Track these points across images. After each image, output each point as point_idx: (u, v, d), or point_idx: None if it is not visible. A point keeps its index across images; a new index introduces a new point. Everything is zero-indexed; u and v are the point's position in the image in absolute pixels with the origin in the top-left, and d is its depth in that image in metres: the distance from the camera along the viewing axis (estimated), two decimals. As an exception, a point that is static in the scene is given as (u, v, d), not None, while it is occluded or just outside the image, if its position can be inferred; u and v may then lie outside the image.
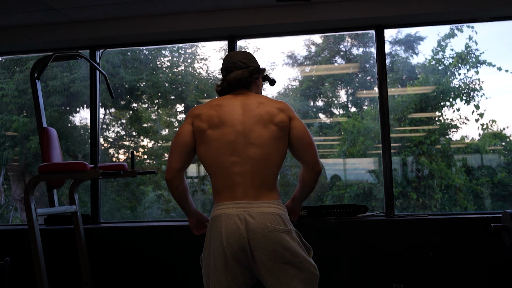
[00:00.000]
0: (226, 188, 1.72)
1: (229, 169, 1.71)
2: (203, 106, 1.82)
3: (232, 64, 1.87)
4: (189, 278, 2.99)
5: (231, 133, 1.72)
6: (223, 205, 1.70)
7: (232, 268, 1.65)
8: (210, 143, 1.74)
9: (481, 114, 4.76)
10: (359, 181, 5.01)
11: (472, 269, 2.83)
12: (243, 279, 1.69)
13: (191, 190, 5.58)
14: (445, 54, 4.87)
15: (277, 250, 1.63)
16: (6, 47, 3.60)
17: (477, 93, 4.75)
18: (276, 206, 1.70)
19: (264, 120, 1.74)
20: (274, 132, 1.73)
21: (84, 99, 5.48)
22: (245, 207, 1.67)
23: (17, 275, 3.05)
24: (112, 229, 3.23)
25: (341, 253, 2.90)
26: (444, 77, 4.88)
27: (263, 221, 1.64)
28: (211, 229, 1.71)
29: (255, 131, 1.72)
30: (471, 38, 4.68)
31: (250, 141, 1.71)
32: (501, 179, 4.74)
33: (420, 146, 4.75)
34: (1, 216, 5.64)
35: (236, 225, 1.64)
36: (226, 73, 1.88)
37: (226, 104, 1.79)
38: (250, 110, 1.76)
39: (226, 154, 1.71)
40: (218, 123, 1.74)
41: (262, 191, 1.70)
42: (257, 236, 1.63)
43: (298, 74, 5.71)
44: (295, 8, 3.17)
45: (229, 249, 1.63)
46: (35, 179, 2.53)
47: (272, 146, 1.73)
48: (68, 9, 3.16)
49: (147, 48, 5.66)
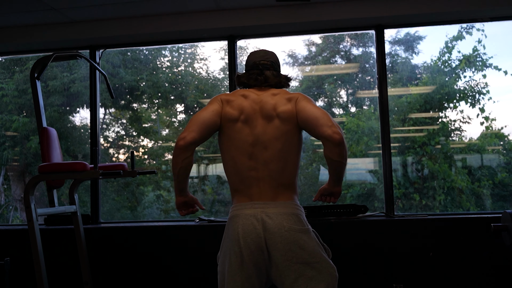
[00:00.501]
0: (243, 189, 1.73)
1: (246, 173, 1.71)
2: (233, 94, 1.81)
3: (267, 62, 1.86)
4: (189, 278, 2.99)
5: (250, 135, 1.72)
6: (240, 206, 1.71)
7: (248, 269, 1.64)
8: (232, 140, 1.73)
9: (486, 117, 4.74)
10: (361, 181, 5.00)
11: (472, 269, 2.83)
12: (258, 281, 1.67)
13: (191, 190, 5.58)
14: (451, 56, 4.86)
15: (294, 250, 1.62)
16: (6, 47, 3.60)
17: (483, 96, 4.74)
18: (293, 206, 1.70)
19: (276, 121, 1.73)
20: (283, 130, 1.72)
21: (84, 99, 5.48)
22: (262, 207, 1.67)
23: (17, 275, 3.05)
24: (112, 229, 3.23)
25: (341, 253, 2.90)
26: (450, 78, 4.87)
27: (280, 221, 1.64)
28: (228, 229, 1.72)
29: (269, 134, 1.71)
30: (480, 41, 4.67)
31: (265, 145, 1.71)
32: (502, 180, 4.74)
33: (424, 148, 4.75)
34: (1, 216, 5.64)
35: (253, 225, 1.64)
36: (257, 69, 1.85)
37: (249, 100, 1.77)
38: (268, 110, 1.74)
39: (244, 157, 1.71)
40: (244, 119, 1.73)
41: (278, 191, 1.70)
42: (274, 236, 1.62)
43: (298, 74, 5.71)
44: (295, 8, 3.17)
45: (246, 249, 1.63)
46: (35, 179, 2.53)
47: (286, 146, 1.71)
48: (68, 9, 3.16)
49: (147, 48, 5.66)
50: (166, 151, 5.90)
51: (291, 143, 1.73)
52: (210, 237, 2.96)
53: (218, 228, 2.98)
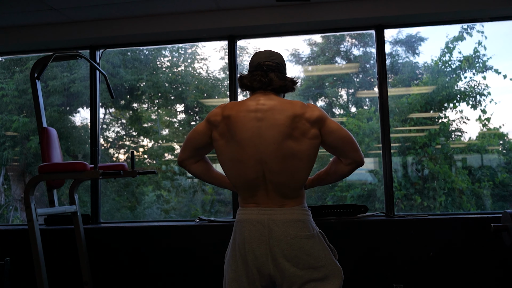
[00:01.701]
0: (249, 195, 1.70)
1: (252, 181, 1.67)
2: (237, 105, 1.73)
3: (272, 63, 1.77)
4: (189, 278, 2.99)
5: (253, 153, 1.66)
6: (247, 210, 1.69)
7: (252, 274, 1.65)
8: (231, 154, 1.69)
9: (487, 118, 4.75)
10: (361, 181, 5.00)
11: (472, 269, 2.83)
12: (261, 286, 1.66)
13: (191, 190, 5.58)
14: (452, 56, 4.86)
15: (300, 257, 1.62)
16: (6, 47, 3.60)
17: (484, 98, 4.74)
18: (300, 212, 1.68)
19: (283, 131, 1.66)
20: (295, 148, 1.67)
21: (84, 99, 5.48)
22: (269, 214, 1.66)
23: (17, 275, 3.05)
24: (112, 229, 3.23)
25: (341, 253, 2.89)
26: (451, 79, 4.88)
27: (286, 228, 1.63)
28: (235, 232, 1.71)
29: (275, 153, 1.65)
30: (481, 43, 4.67)
31: (272, 163, 1.65)
32: (502, 180, 4.74)
33: (425, 149, 4.74)
34: (1, 216, 5.64)
35: (259, 232, 1.64)
36: (261, 71, 1.76)
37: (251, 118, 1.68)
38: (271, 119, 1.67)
39: (249, 170, 1.66)
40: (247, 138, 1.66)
41: (286, 198, 1.68)
42: (280, 243, 1.62)
43: (298, 74, 5.71)
44: (295, 8, 3.16)
45: (251, 254, 1.64)
46: (35, 179, 2.53)
47: (295, 161, 1.66)
48: (68, 9, 3.16)
49: (147, 48, 5.66)
50: (166, 151, 5.90)
51: (301, 159, 1.67)
52: (210, 237, 2.96)
53: (218, 228, 2.98)
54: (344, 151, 1.71)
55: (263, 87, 1.74)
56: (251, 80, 1.76)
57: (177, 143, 5.94)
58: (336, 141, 1.70)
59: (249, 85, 1.76)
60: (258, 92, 1.76)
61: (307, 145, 1.66)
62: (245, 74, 1.80)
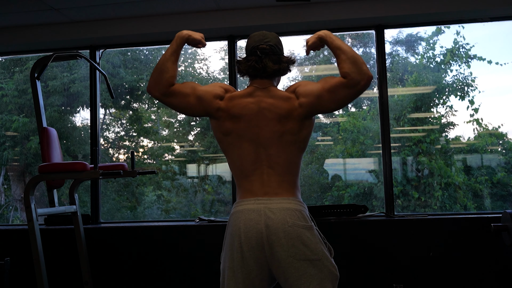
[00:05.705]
0: (247, 185, 1.71)
1: (250, 171, 1.70)
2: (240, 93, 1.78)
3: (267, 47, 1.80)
4: (189, 278, 2.99)
5: (254, 133, 1.71)
6: (243, 201, 1.69)
7: (248, 265, 1.62)
8: (235, 138, 1.73)
9: (475, 109, 4.77)
10: (359, 181, 5.01)
11: (472, 269, 2.83)
12: (258, 277, 1.65)
13: (192, 190, 5.58)
14: (435, 52, 4.91)
15: (297, 246, 1.60)
16: (6, 47, 3.60)
17: (471, 88, 4.78)
18: (296, 203, 1.68)
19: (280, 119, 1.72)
20: (287, 127, 1.72)
21: (84, 99, 5.48)
22: (265, 203, 1.65)
23: (17, 275, 3.05)
24: (112, 229, 3.23)
25: (341, 253, 2.90)
26: (437, 74, 4.91)
27: (283, 216, 1.62)
28: (230, 225, 1.70)
29: (271, 133, 1.71)
30: (459, 33, 4.74)
31: (268, 144, 1.70)
32: (500, 179, 4.75)
33: (420, 145, 4.76)
34: (1, 216, 5.64)
35: (255, 220, 1.63)
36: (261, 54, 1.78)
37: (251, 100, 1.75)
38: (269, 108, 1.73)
39: (248, 155, 1.70)
40: (247, 119, 1.72)
41: (282, 188, 1.69)
42: (277, 232, 1.60)
43: (298, 74, 5.71)
44: (295, 8, 3.17)
45: (247, 244, 1.62)
46: (35, 179, 2.53)
47: (290, 145, 1.72)
48: (68, 9, 3.16)
49: (147, 48, 5.66)
50: (166, 151, 5.91)
51: (294, 141, 1.72)
52: (210, 237, 2.96)
53: (218, 228, 2.98)
54: (334, 88, 1.78)
55: (258, 75, 1.78)
56: (246, 67, 1.79)
57: (177, 143, 5.95)
58: (315, 86, 1.76)
59: (245, 72, 1.80)
60: (256, 82, 1.79)
61: (299, 127, 1.71)
62: (241, 59, 1.83)
